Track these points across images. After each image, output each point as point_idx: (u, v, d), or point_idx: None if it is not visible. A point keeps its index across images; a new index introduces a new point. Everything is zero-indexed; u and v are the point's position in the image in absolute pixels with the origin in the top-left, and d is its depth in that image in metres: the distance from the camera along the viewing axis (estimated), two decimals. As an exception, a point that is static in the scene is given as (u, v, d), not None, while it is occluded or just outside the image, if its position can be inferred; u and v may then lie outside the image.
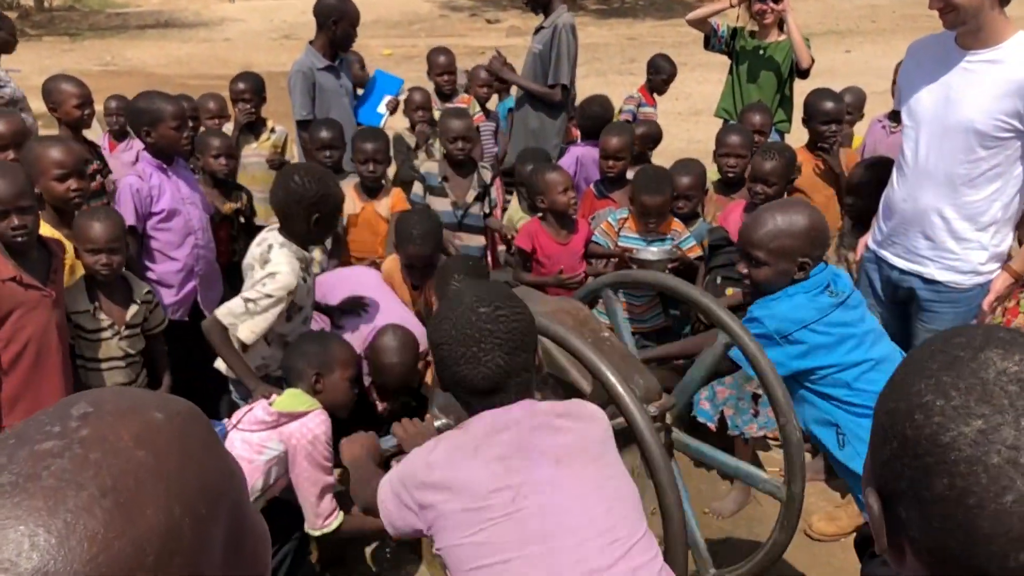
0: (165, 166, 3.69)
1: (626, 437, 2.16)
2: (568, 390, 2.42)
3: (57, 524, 0.56)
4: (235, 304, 2.90)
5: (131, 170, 3.73)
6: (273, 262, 2.92)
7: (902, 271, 3.19)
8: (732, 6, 5.31)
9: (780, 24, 5.26)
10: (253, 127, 4.98)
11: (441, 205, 4.42)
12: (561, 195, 3.97)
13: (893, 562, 0.83)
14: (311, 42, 4.86)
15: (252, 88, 4.98)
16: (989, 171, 2.93)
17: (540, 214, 4.11)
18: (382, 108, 4.91)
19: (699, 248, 4.01)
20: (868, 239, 3.37)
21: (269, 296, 2.87)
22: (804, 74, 5.19)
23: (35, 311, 2.81)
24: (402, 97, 5.13)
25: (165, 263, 3.68)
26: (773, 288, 2.47)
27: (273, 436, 2.65)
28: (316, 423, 2.68)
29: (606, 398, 2.14)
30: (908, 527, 0.77)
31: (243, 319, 2.88)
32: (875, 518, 0.82)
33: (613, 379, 2.09)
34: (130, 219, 3.47)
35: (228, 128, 4.90)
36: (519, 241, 4.09)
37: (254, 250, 3.03)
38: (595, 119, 4.95)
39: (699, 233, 4.06)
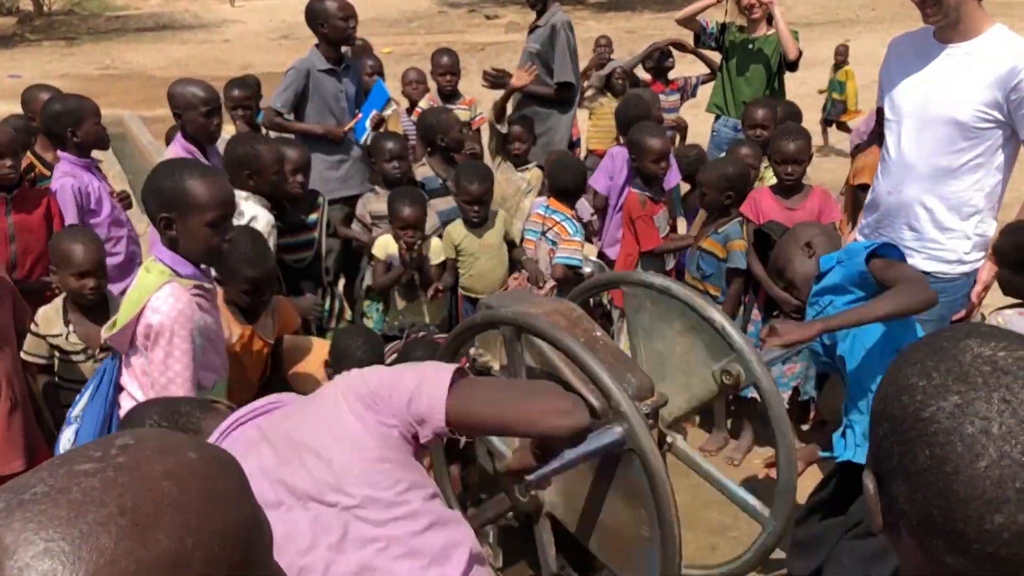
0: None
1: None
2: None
3: (73, 533, 0.61)
4: None
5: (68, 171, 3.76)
6: (249, 212, 3.49)
7: (888, 262, 3.24)
8: (719, 1, 5.36)
9: (769, 18, 5.29)
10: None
11: (445, 204, 4.48)
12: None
13: (890, 542, 0.89)
14: (316, 44, 4.85)
15: (253, 94, 5.03)
16: (971, 161, 2.98)
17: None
18: (368, 123, 4.93)
19: (719, 247, 4.04)
20: (855, 232, 3.43)
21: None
22: (793, 66, 5.23)
23: None
24: (387, 113, 5.15)
25: None
26: None
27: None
28: (161, 301, 2.28)
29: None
30: (898, 501, 0.83)
31: None
32: (871, 499, 0.88)
33: (605, 377, 2.13)
34: (71, 218, 3.59)
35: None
36: (744, 208, 4.00)
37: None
38: (633, 122, 4.83)
39: (728, 233, 4.04)
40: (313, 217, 4.04)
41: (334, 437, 1.49)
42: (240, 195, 3.44)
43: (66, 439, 2.54)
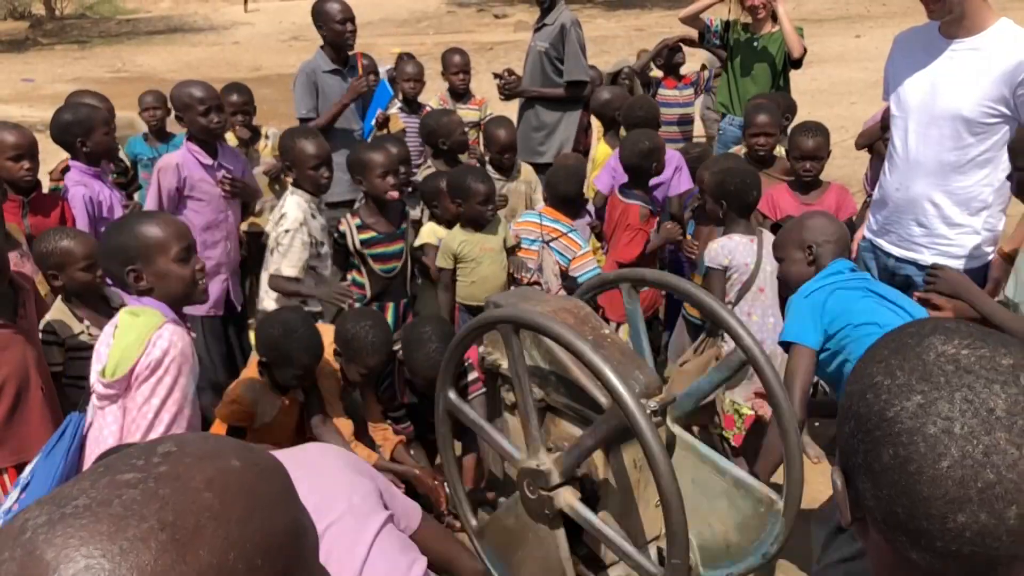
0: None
1: (626, 432, 2.22)
2: (570, 388, 2.48)
3: (114, 550, 0.61)
4: (274, 256, 3.59)
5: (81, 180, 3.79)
6: (284, 207, 3.64)
7: (898, 259, 3.25)
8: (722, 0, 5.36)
9: (773, 15, 5.28)
10: (253, 138, 5.04)
11: None
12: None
13: (858, 536, 0.90)
14: (322, 46, 4.89)
15: (249, 99, 5.00)
16: (978, 157, 2.98)
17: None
18: (373, 123, 4.94)
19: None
20: (863, 229, 3.42)
21: (287, 231, 3.56)
22: (797, 64, 5.22)
23: (8, 350, 2.67)
24: (391, 111, 5.14)
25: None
26: None
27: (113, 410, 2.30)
28: (165, 339, 2.25)
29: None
30: (865, 497, 0.84)
31: (282, 261, 3.57)
32: (839, 494, 0.89)
33: (611, 375, 2.13)
34: (83, 226, 3.60)
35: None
36: (761, 204, 3.90)
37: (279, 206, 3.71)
38: (640, 123, 4.79)
39: None
40: (403, 227, 3.98)
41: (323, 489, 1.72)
42: (288, 191, 3.71)
43: (11, 500, 2.36)
